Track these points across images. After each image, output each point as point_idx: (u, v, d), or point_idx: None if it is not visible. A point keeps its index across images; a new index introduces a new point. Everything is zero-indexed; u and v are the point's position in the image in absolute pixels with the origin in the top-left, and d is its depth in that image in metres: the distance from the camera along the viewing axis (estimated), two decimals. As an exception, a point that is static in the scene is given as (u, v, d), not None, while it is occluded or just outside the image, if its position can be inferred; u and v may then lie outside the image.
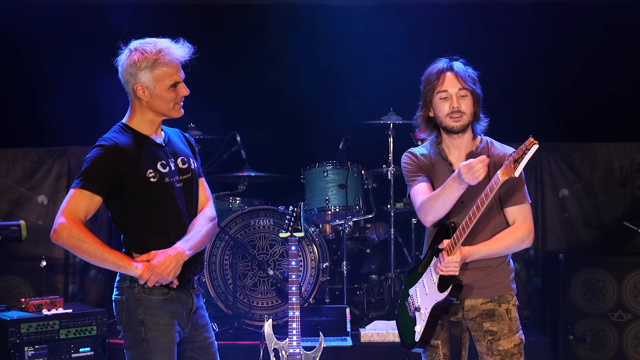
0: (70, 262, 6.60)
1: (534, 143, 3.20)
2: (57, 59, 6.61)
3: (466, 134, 3.56)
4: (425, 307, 3.54)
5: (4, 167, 6.60)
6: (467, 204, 3.49)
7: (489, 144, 3.60)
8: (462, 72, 3.52)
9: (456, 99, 3.50)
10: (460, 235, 3.37)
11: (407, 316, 3.67)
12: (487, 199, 3.29)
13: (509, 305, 3.57)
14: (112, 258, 3.31)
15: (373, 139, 6.54)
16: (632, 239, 6.17)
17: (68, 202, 3.30)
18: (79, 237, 3.26)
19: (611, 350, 5.70)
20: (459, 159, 3.57)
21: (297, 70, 6.63)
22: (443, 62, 3.57)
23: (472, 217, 3.34)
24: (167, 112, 3.45)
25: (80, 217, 3.28)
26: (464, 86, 3.50)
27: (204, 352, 3.56)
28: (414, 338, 3.58)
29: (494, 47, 6.58)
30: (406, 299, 3.69)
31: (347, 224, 6.22)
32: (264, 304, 6.08)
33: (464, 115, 3.51)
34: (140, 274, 3.31)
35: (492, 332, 3.55)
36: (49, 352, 4.91)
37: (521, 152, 3.21)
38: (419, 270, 3.62)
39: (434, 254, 3.52)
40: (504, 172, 3.24)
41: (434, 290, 3.50)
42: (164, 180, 3.41)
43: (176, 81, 3.41)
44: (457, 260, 3.40)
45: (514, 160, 3.21)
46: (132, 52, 3.41)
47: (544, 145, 6.57)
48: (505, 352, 3.53)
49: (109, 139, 3.39)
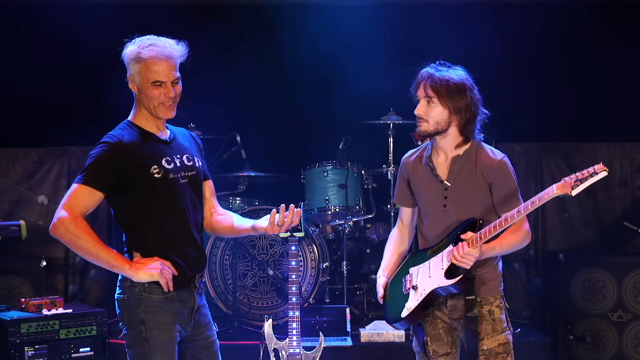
0: (70, 262, 6.60)
1: (603, 169, 3.22)
2: (58, 59, 6.62)
3: (446, 138, 3.59)
4: (423, 288, 3.55)
5: (4, 167, 6.61)
6: (450, 209, 3.55)
7: (477, 149, 3.61)
8: (436, 81, 3.55)
9: (420, 105, 3.59)
10: (489, 233, 3.39)
11: (399, 291, 3.67)
12: (533, 207, 3.32)
13: (492, 306, 3.59)
14: (106, 257, 3.31)
15: (373, 139, 6.54)
16: (632, 239, 6.18)
17: (69, 197, 3.30)
18: (76, 233, 3.27)
19: (611, 350, 5.70)
20: (443, 162, 3.62)
21: (297, 70, 6.63)
22: (427, 69, 3.61)
23: (510, 219, 3.36)
24: (152, 109, 3.43)
25: (80, 212, 3.29)
26: (428, 94, 3.56)
27: (206, 351, 3.56)
28: (400, 313, 3.59)
29: (493, 46, 6.58)
30: (403, 275, 3.69)
31: (347, 224, 6.22)
32: (264, 304, 6.08)
33: (424, 122, 3.57)
34: (130, 273, 3.33)
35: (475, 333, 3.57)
36: (49, 352, 4.91)
37: (587, 174, 3.23)
38: (428, 253, 3.62)
39: (450, 242, 3.53)
40: (560, 187, 3.27)
41: (439, 275, 3.51)
42: (168, 176, 3.41)
43: (159, 79, 3.38)
44: (475, 255, 3.41)
45: (575, 179, 3.23)
46: (129, 44, 3.44)
47: (544, 145, 6.68)
48: (489, 351, 3.55)
49: (114, 136, 3.39)
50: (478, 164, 3.55)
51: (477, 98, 3.59)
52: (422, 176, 3.67)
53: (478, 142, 3.63)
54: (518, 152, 6.60)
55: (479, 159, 3.57)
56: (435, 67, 3.60)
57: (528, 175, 6.59)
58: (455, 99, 3.53)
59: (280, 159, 6.85)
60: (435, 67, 3.60)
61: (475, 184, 3.56)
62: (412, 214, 3.81)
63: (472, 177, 3.56)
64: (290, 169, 6.57)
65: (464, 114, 3.55)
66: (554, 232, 6.50)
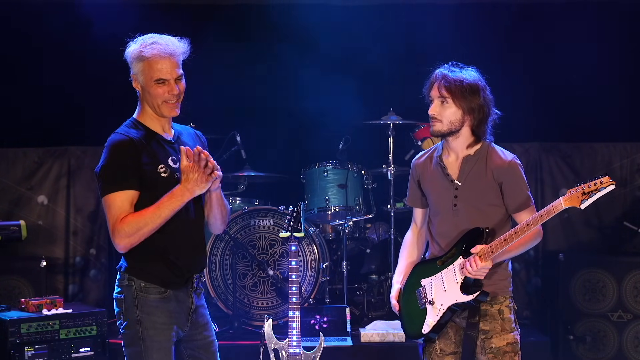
0: (70, 262, 6.61)
1: (610, 183, 3.24)
2: (58, 59, 6.62)
3: (459, 138, 3.62)
4: (441, 302, 3.57)
5: (4, 167, 6.61)
6: (461, 208, 3.58)
7: (488, 150, 3.64)
8: (450, 82, 3.57)
9: (434, 105, 3.61)
10: (500, 247, 3.42)
11: (414, 305, 3.68)
12: (542, 220, 3.35)
13: (502, 306, 3.60)
14: (164, 211, 3.30)
15: (373, 139, 6.54)
16: (632, 239, 6.17)
17: (108, 214, 3.33)
18: (131, 231, 3.29)
19: (611, 350, 5.70)
20: (454, 162, 3.65)
21: (297, 70, 6.63)
22: (440, 70, 3.64)
23: (520, 232, 3.39)
24: (156, 108, 3.43)
25: (119, 217, 3.31)
26: (442, 94, 3.58)
27: (204, 351, 3.56)
28: (421, 329, 3.62)
29: (493, 46, 6.58)
30: (416, 288, 3.69)
31: (347, 224, 6.22)
32: (264, 304, 6.08)
33: (438, 122, 3.59)
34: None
35: (484, 331, 3.58)
36: (49, 352, 4.91)
37: (593, 187, 3.26)
38: (438, 265, 3.63)
39: (460, 254, 3.54)
40: (567, 200, 3.29)
41: (455, 289, 3.53)
42: (174, 175, 3.42)
43: (162, 77, 3.39)
44: (489, 267, 3.46)
45: (582, 192, 3.26)
46: (132, 43, 3.44)
47: (544, 145, 6.68)
48: (498, 349, 3.56)
49: (122, 133, 3.40)
50: (489, 164, 3.59)
51: (490, 99, 3.63)
52: (433, 176, 3.69)
53: (489, 143, 3.66)
54: (518, 152, 6.46)
55: (489, 159, 3.60)
56: (449, 67, 3.63)
57: (528, 175, 6.55)
58: (469, 99, 3.56)
59: (280, 159, 6.85)
60: (449, 67, 3.63)
61: (485, 183, 3.58)
62: (424, 214, 3.83)
63: (482, 177, 3.58)
64: (290, 169, 6.57)
65: (477, 114, 3.58)
66: (554, 232, 6.49)
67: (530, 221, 3.38)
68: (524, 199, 3.58)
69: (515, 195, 3.58)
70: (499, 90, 3.71)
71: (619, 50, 6.72)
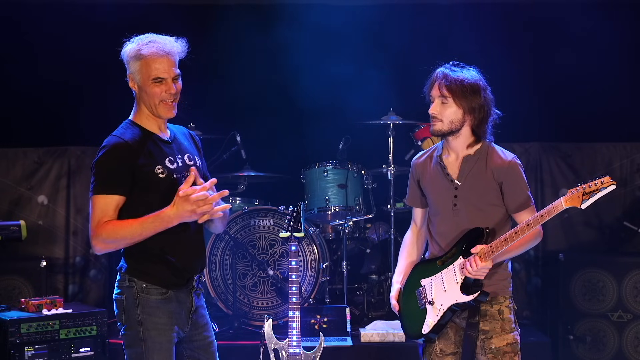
0: (70, 262, 6.61)
1: (611, 183, 3.24)
2: (57, 59, 6.62)
3: (459, 138, 3.62)
4: (441, 303, 3.57)
5: (4, 167, 6.61)
6: (461, 208, 3.58)
7: (488, 149, 3.64)
8: (451, 81, 3.57)
9: (435, 104, 3.61)
10: (500, 247, 3.42)
11: (414, 305, 3.68)
12: (542, 220, 3.36)
13: (502, 306, 3.61)
14: (146, 229, 3.29)
15: (373, 139, 6.54)
16: (632, 239, 6.17)
17: (92, 214, 3.33)
18: (108, 238, 3.29)
19: (611, 351, 5.70)
20: (454, 161, 3.65)
21: (297, 70, 6.63)
22: (441, 69, 3.64)
23: (520, 232, 3.40)
24: (153, 108, 3.43)
25: (100, 221, 3.30)
26: (442, 94, 3.58)
27: (204, 351, 3.56)
28: (421, 329, 3.62)
29: (493, 46, 6.58)
30: (416, 288, 3.70)
31: (347, 224, 6.22)
32: (264, 304, 6.08)
33: (438, 121, 3.60)
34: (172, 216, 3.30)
35: (484, 331, 3.58)
36: (49, 352, 4.91)
37: (594, 187, 3.25)
38: (438, 265, 3.63)
39: (460, 254, 3.54)
40: (568, 200, 3.29)
41: (455, 289, 3.53)
42: (172, 176, 3.42)
43: (159, 76, 3.39)
44: (489, 267, 3.46)
45: (583, 192, 3.26)
46: (128, 43, 3.45)
47: (544, 145, 6.68)
48: (497, 350, 3.56)
49: (118, 136, 3.40)
50: (489, 163, 3.59)
51: (490, 98, 3.63)
52: (433, 176, 3.70)
53: (489, 143, 3.66)
54: (518, 152, 6.48)
55: (489, 159, 3.60)
56: (450, 67, 3.63)
57: (528, 175, 6.55)
58: (470, 99, 3.57)
59: (280, 159, 6.84)
60: (450, 67, 3.63)
61: (485, 183, 3.58)
62: (424, 214, 3.83)
63: (482, 176, 3.59)
64: (290, 169, 6.56)
65: (477, 113, 3.58)
66: (554, 232, 6.49)
67: (530, 221, 3.38)
68: (524, 199, 3.58)
69: (515, 195, 3.58)
70: (499, 90, 3.71)
71: (619, 50, 6.72)
